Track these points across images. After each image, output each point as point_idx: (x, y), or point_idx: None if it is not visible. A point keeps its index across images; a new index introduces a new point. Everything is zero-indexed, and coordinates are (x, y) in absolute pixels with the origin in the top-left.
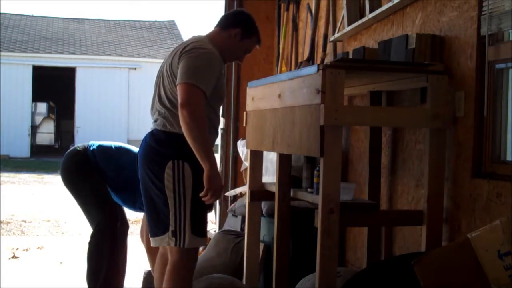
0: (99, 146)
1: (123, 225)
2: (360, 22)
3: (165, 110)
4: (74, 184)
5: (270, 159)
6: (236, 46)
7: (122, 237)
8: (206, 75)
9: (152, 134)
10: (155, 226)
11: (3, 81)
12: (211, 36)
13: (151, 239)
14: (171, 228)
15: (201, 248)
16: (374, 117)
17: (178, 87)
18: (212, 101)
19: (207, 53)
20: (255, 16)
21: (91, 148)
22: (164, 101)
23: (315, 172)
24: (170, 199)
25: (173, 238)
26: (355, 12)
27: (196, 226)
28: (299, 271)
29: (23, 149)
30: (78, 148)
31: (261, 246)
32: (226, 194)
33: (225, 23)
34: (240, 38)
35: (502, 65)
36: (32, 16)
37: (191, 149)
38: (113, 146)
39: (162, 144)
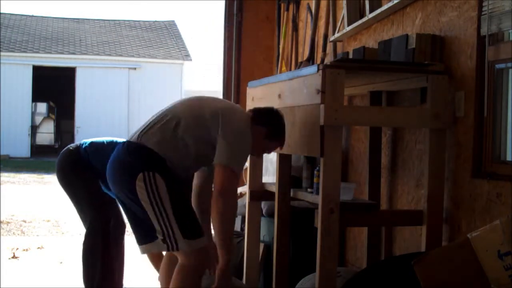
0: (91, 143)
1: (119, 225)
2: (360, 22)
3: (160, 137)
4: (69, 183)
5: (270, 159)
6: (257, 142)
7: (116, 237)
8: (244, 159)
9: (122, 145)
10: (140, 235)
11: (3, 81)
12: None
13: (139, 247)
14: (159, 236)
15: None
16: (374, 117)
17: (218, 167)
18: (207, 150)
19: (249, 136)
20: (255, 16)
21: (84, 146)
22: (166, 133)
23: (315, 172)
24: (150, 211)
25: (165, 245)
26: (355, 12)
27: (186, 230)
28: (299, 271)
29: (23, 149)
30: (71, 148)
31: (261, 246)
32: None
33: (256, 118)
34: (264, 137)
35: (502, 65)
36: (32, 16)
37: (159, 161)
38: (105, 142)
39: (130, 155)
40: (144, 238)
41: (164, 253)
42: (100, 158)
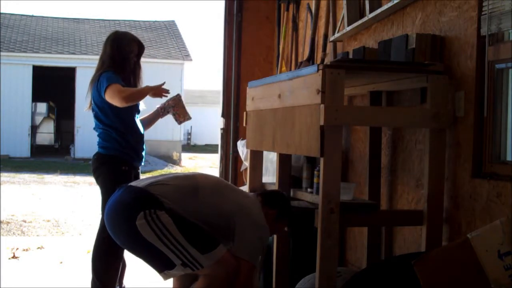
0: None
1: None
2: (360, 22)
3: (173, 192)
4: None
5: (270, 159)
6: (268, 224)
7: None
8: (262, 253)
9: (124, 189)
10: (156, 264)
11: (3, 81)
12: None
13: (159, 274)
14: (178, 262)
15: None
16: (374, 117)
17: (243, 262)
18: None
19: (267, 231)
20: (255, 16)
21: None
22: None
23: (315, 172)
24: (161, 247)
25: (187, 268)
26: (355, 12)
27: (202, 246)
28: (299, 271)
29: (23, 149)
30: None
31: None
32: None
33: (266, 201)
34: (274, 219)
35: (502, 65)
36: (32, 16)
37: (158, 201)
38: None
39: (129, 198)
40: (163, 266)
41: None
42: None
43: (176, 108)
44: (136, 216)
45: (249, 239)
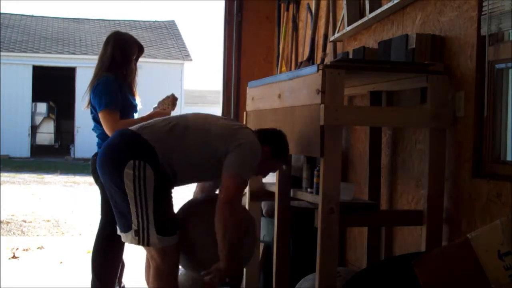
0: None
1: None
2: (360, 22)
3: (164, 135)
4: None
5: None
6: (263, 161)
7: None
8: (251, 170)
9: (118, 133)
10: (119, 223)
11: (3, 81)
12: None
13: (120, 234)
14: (134, 227)
15: None
16: (374, 117)
17: (227, 174)
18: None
19: (258, 149)
20: (255, 16)
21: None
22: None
23: (315, 172)
24: (131, 201)
25: (136, 238)
26: (355, 12)
27: (161, 226)
28: (299, 271)
29: (23, 149)
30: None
31: (261, 246)
32: None
33: (261, 138)
34: (269, 157)
35: (502, 65)
36: (32, 16)
37: (152, 152)
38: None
39: (123, 141)
40: (121, 226)
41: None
42: None
43: (166, 100)
44: (126, 162)
45: (242, 156)
